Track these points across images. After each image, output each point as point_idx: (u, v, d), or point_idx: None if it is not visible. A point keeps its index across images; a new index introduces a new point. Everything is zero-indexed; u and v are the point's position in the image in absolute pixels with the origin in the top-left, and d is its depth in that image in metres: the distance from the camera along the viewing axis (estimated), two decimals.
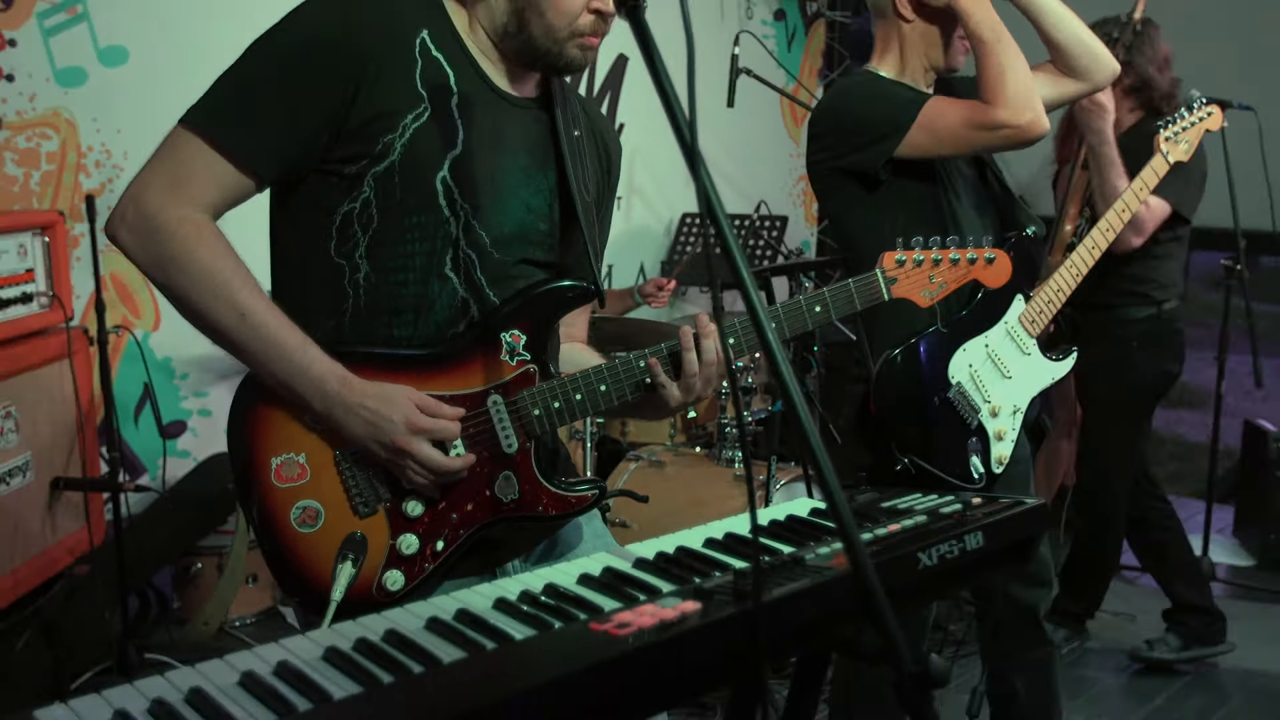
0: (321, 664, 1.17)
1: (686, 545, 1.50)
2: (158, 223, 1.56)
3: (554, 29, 1.65)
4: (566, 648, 1.16)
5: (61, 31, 3.83)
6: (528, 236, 1.75)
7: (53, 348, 3.27)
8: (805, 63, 6.25)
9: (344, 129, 1.59)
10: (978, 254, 1.93)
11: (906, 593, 1.47)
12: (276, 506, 1.63)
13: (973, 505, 1.59)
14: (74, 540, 3.39)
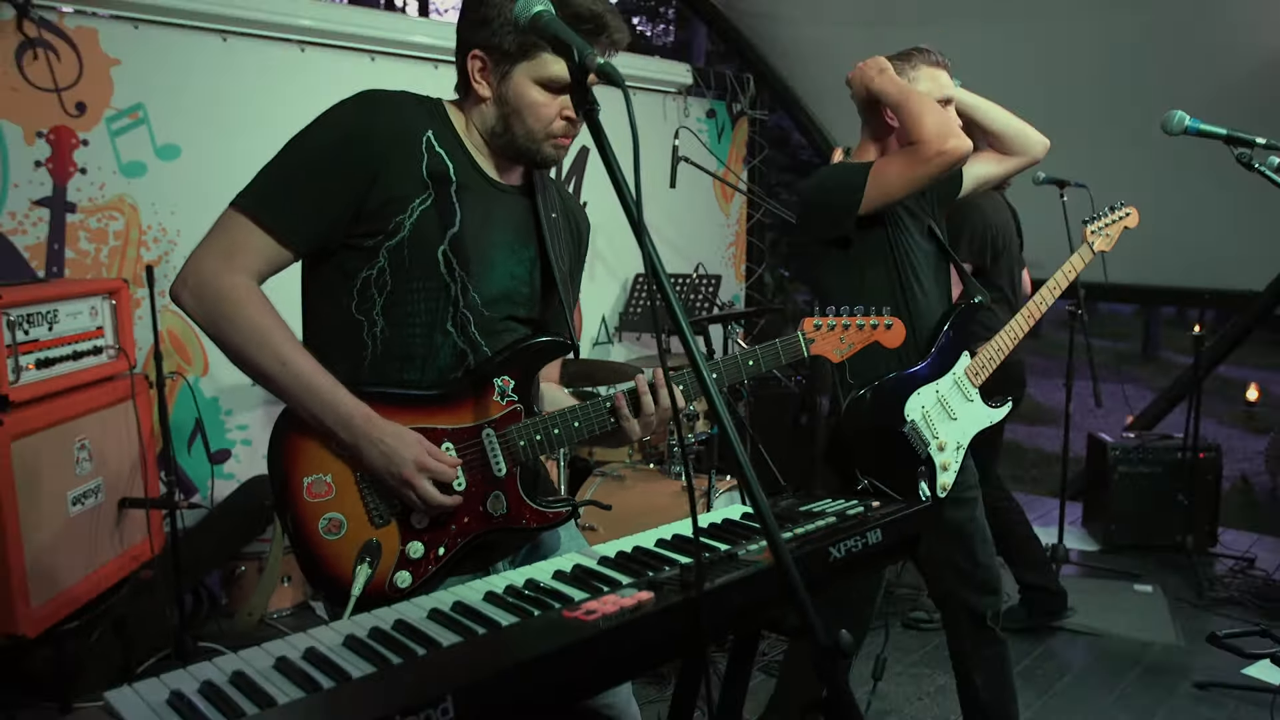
0: (342, 649, 1.16)
1: (641, 545, 1.51)
2: (214, 287, 1.58)
3: (534, 132, 1.68)
4: (544, 631, 1.17)
5: (126, 133, 3.82)
6: (512, 298, 1.76)
7: (119, 391, 3.26)
8: (732, 151, 6.31)
9: (364, 210, 1.61)
10: (879, 321, 1.97)
11: (821, 580, 1.48)
12: (307, 518, 1.63)
13: (873, 508, 1.61)
14: (138, 549, 3.36)
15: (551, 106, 1.67)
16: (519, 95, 1.66)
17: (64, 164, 3.69)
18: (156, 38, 3.87)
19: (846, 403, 2.50)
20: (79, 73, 3.70)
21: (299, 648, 1.16)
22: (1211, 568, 5.00)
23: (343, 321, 1.67)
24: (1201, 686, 3.71)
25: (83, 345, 3.11)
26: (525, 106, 1.66)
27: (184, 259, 1.64)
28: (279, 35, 4.20)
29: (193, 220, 3.91)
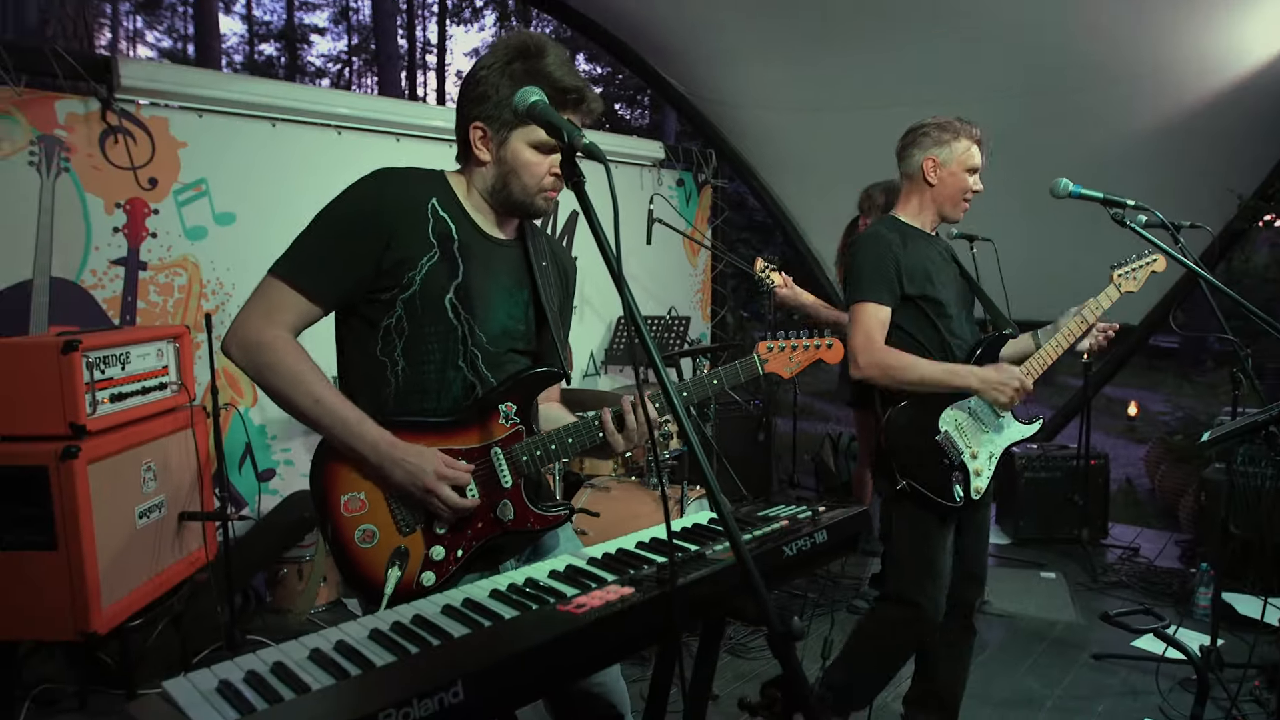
0: (368, 641, 1.14)
1: (624, 547, 1.49)
2: (256, 341, 1.60)
3: (528, 187, 1.70)
4: (541, 623, 1.15)
5: (190, 203, 3.80)
6: (512, 335, 1.76)
7: (181, 420, 3.21)
8: (698, 214, 6.34)
9: (381, 269, 1.62)
10: (821, 342, 1.97)
11: (775, 575, 1.47)
12: (344, 530, 1.63)
13: (819, 512, 1.59)
14: (195, 556, 3.29)
15: (543, 165, 1.68)
16: (515, 156, 1.68)
17: (138, 230, 3.67)
18: (217, 124, 3.86)
19: (888, 414, 2.46)
20: (152, 154, 3.69)
21: (331, 640, 1.14)
22: (1103, 556, 5.01)
23: (370, 363, 1.68)
24: (1098, 658, 3.70)
25: (150, 382, 3.07)
26: (521, 166, 1.68)
27: (238, 308, 1.65)
28: (319, 121, 4.20)
29: (245, 275, 3.89)
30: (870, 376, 2.43)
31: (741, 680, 3.43)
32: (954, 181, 2.52)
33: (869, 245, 2.51)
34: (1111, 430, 9.78)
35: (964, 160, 2.50)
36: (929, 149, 2.52)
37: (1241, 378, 3.59)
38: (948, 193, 2.53)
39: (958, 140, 2.51)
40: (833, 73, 5.15)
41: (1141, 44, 4.32)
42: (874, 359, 2.42)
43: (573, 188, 1.29)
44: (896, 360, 2.42)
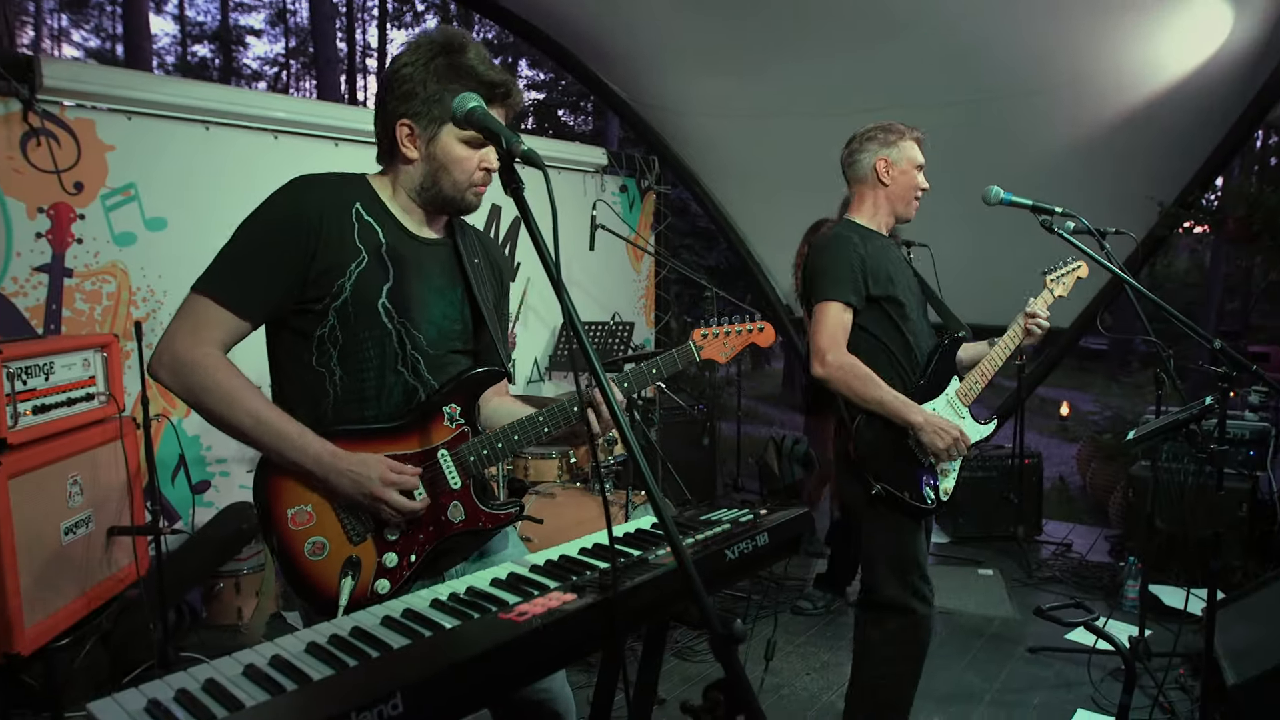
0: (304, 655, 1.11)
1: (566, 553, 1.48)
2: (185, 361, 1.55)
3: (458, 183, 1.68)
4: (482, 632, 1.14)
5: (118, 208, 3.69)
6: (449, 335, 1.74)
7: (109, 432, 3.11)
8: (642, 219, 6.36)
9: (309, 279, 1.59)
10: (754, 326, 2.00)
11: (718, 578, 1.47)
12: (293, 543, 1.59)
13: (760, 515, 1.60)
14: (125, 572, 3.18)
15: (473, 159, 1.67)
16: (445, 153, 1.66)
17: (62, 235, 3.54)
18: (147, 127, 3.75)
19: (857, 422, 2.45)
20: (77, 157, 3.57)
21: (266, 655, 1.11)
22: (1038, 553, 5.14)
23: (306, 374, 1.64)
24: (1033, 651, 3.79)
25: (76, 393, 2.96)
26: (451, 162, 1.66)
27: (170, 316, 1.60)
28: (255, 125, 4.11)
29: (178, 283, 3.78)
30: (831, 378, 2.41)
31: (688, 683, 3.44)
32: (905, 179, 2.55)
33: (833, 246, 2.50)
34: (1044, 430, 10.06)
35: (912, 158, 2.55)
36: (879, 151, 2.55)
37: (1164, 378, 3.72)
38: (901, 191, 2.56)
39: (904, 140, 2.55)
40: (774, 81, 5.21)
41: (1062, 58, 4.47)
42: (841, 361, 2.40)
43: (512, 194, 1.28)
44: (862, 371, 2.41)
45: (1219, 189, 5.59)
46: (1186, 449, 4.33)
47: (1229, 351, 2.34)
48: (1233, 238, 4.75)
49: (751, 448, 6.92)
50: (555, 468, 4.07)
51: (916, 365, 2.54)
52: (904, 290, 2.55)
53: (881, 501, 2.46)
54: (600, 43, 5.72)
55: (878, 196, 2.59)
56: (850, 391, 2.42)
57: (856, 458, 2.47)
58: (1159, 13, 4.16)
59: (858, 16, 4.56)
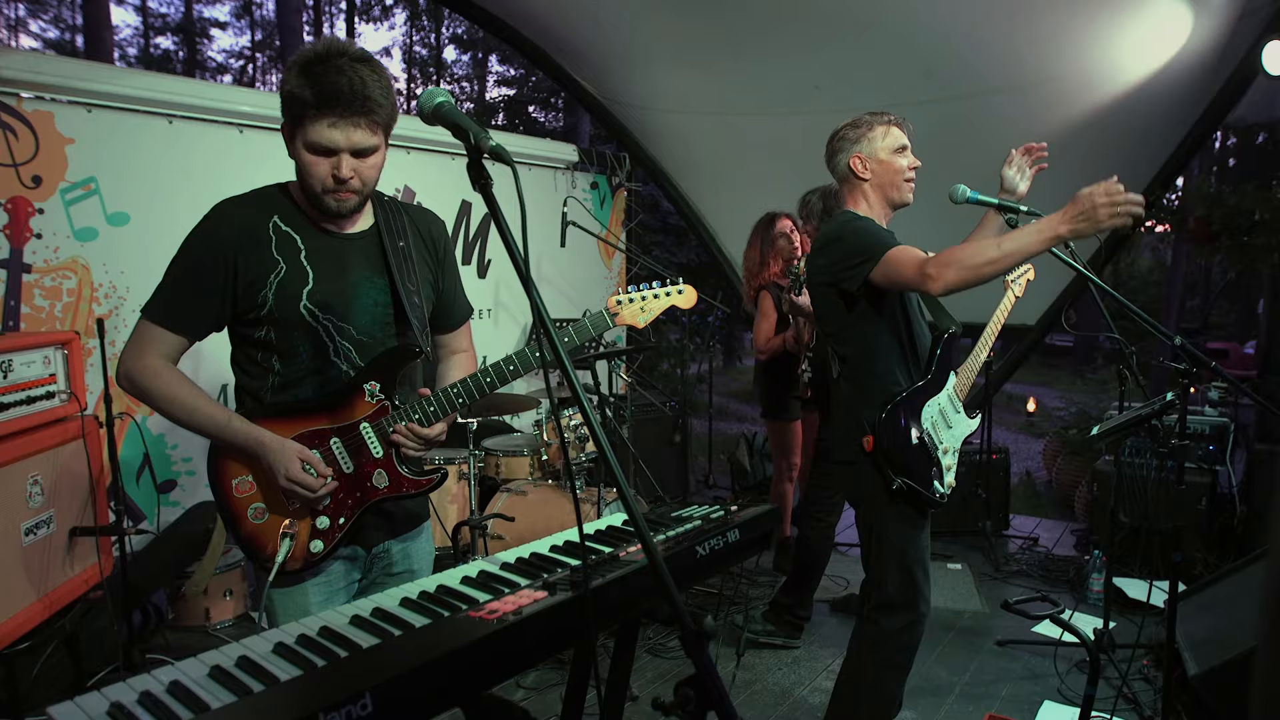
0: (272, 655, 1.10)
1: (537, 551, 1.48)
2: (133, 372, 1.78)
3: (314, 189, 1.74)
4: (453, 630, 1.13)
5: (79, 203, 3.61)
6: (382, 321, 1.86)
7: (70, 431, 3.04)
8: (613, 216, 6.35)
9: (237, 296, 1.75)
10: (672, 289, 2.00)
11: (690, 575, 1.47)
12: (238, 508, 1.79)
13: (731, 512, 1.61)
14: (89, 573, 3.12)
15: (321, 165, 1.70)
16: (299, 159, 1.72)
17: (20, 230, 3.46)
18: (108, 120, 3.68)
19: (881, 416, 2.43)
20: (35, 150, 3.49)
21: (232, 656, 1.09)
22: (1006, 547, 5.21)
23: (253, 368, 1.82)
24: (1001, 644, 3.85)
25: (36, 391, 2.89)
26: (302, 168, 1.72)
27: (133, 313, 1.67)
28: (221, 119, 4.05)
29: (141, 279, 3.72)
30: (958, 278, 2.16)
31: (661, 680, 3.45)
32: (886, 168, 2.52)
33: (852, 222, 2.47)
34: (1012, 426, 10.19)
35: (887, 145, 2.51)
36: (850, 149, 2.55)
37: (1127, 374, 3.79)
38: (886, 180, 2.53)
39: (872, 130, 2.53)
40: (743, 79, 5.23)
41: (1027, 58, 4.53)
42: (946, 259, 2.18)
43: (480, 191, 1.27)
44: (966, 249, 2.19)
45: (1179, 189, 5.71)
46: (1149, 444, 4.41)
47: (1189, 348, 2.39)
48: (1193, 237, 4.85)
49: (724, 445, 6.95)
50: (527, 465, 4.06)
51: (920, 361, 2.54)
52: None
53: (902, 497, 2.45)
54: (571, 39, 5.71)
55: (865, 191, 2.57)
56: (976, 268, 2.15)
57: (876, 452, 2.44)
58: (1121, 16, 4.22)
59: (826, 15, 4.59)
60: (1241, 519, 4.44)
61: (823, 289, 2.54)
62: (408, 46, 23.07)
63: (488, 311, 5.36)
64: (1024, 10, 4.28)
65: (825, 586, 4.39)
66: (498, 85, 22.46)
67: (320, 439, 1.79)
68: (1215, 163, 16.92)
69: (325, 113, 1.63)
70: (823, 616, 4.16)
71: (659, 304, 1.99)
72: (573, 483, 1.31)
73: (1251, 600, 3.05)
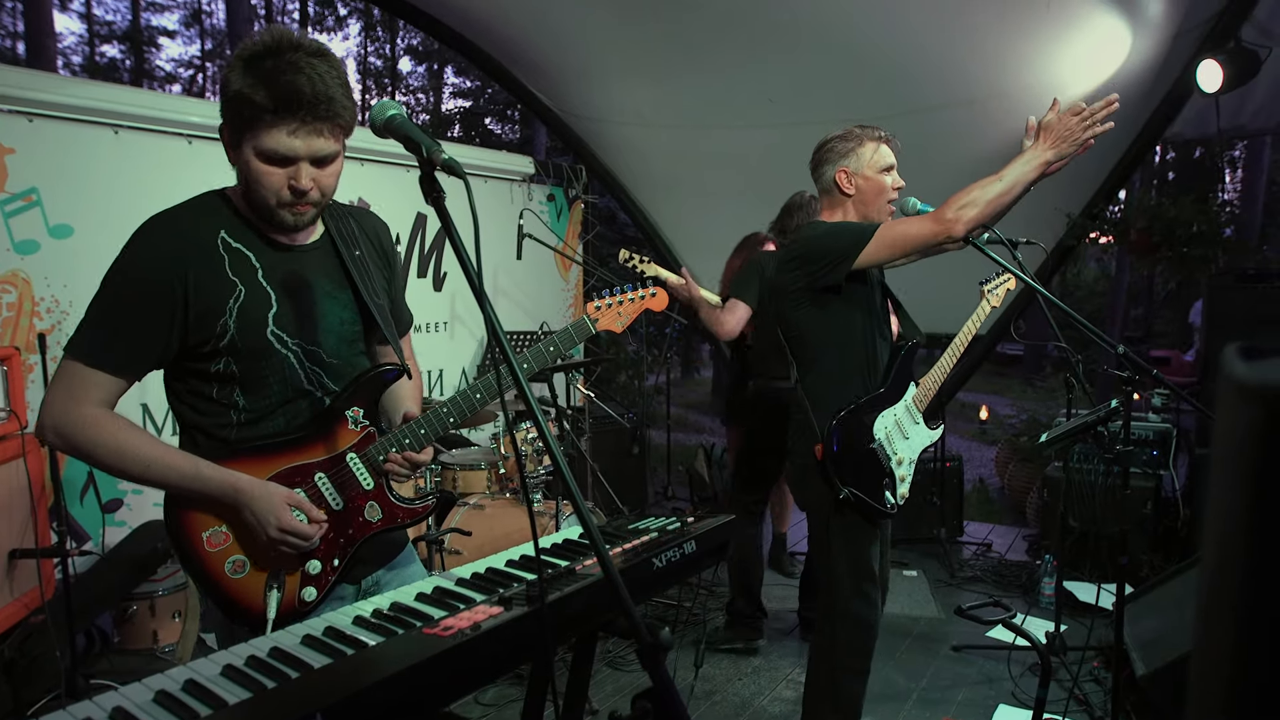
0: (220, 678, 1.07)
1: (493, 566, 1.47)
2: (65, 425, 1.52)
3: (266, 201, 1.55)
4: (407, 648, 1.11)
5: (19, 214, 3.51)
6: (348, 338, 1.70)
7: (10, 450, 2.95)
8: (569, 229, 6.35)
9: (188, 326, 1.54)
10: (645, 293, 1.99)
11: (646, 586, 1.47)
12: (213, 565, 1.56)
13: (688, 523, 1.61)
14: (29, 597, 3.03)
15: (276, 175, 1.52)
16: (247, 167, 1.52)
17: None
18: (50, 130, 3.59)
19: (831, 424, 2.42)
20: None
21: (178, 680, 1.06)
22: (960, 553, 5.29)
23: (208, 406, 1.61)
24: (957, 649, 3.90)
25: None
26: (253, 178, 1.53)
27: (74, 327, 1.54)
28: (168, 130, 3.97)
29: (84, 292, 3.55)
30: (959, 219, 2.23)
31: (621, 693, 3.44)
32: (872, 186, 2.52)
33: (824, 225, 2.49)
34: (965, 434, 10.36)
35: (875, 163, 2.51)
36: (837, 162, 2.53)
37: (1074, 382, 3.88)
38: (869, 198, 2.53)
39: (862, 146, 2.51)
40: (698, 92, 5.27)
41: (973, 75, 4.63)
42: (963, 199, 2.25)
43: (432, 204, 1.26)
44: (976, 189, 2.25)
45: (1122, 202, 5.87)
46: (1095, 450, 4.51)
47: (1132, 357, 2.45)
48: (1135, 248, 4.98)
49: (682, 456, 6.96)
50: (484, 479, 4.03)
51: (877, 370, 2.56)
52: (874, 293, 2.56)
53: (849, 507, 2.45)
54: (527, 52, 5.71)
55: (846, 207, 2.56)
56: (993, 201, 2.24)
57: (825, 460, 2.45)
58: (1063, 33, 4.34)
59: (778, 31, 4.65)
60: (1185, 522, 4.56)
61: (794, 295, 2.53)
62: (362, 57, 22.88)
63: (444, 324, 5.32)
64: (968, 27, 4.38)
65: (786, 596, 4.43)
66: (454, 97, 22.37)
67: (303, 475, 1.61)
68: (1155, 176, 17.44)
69: (284, 118, 1.45)
70: (783, 627, 4.18)
71: (634, 307, 1.97)
72: (528, 497, 1.30)
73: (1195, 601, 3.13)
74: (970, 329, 2.84)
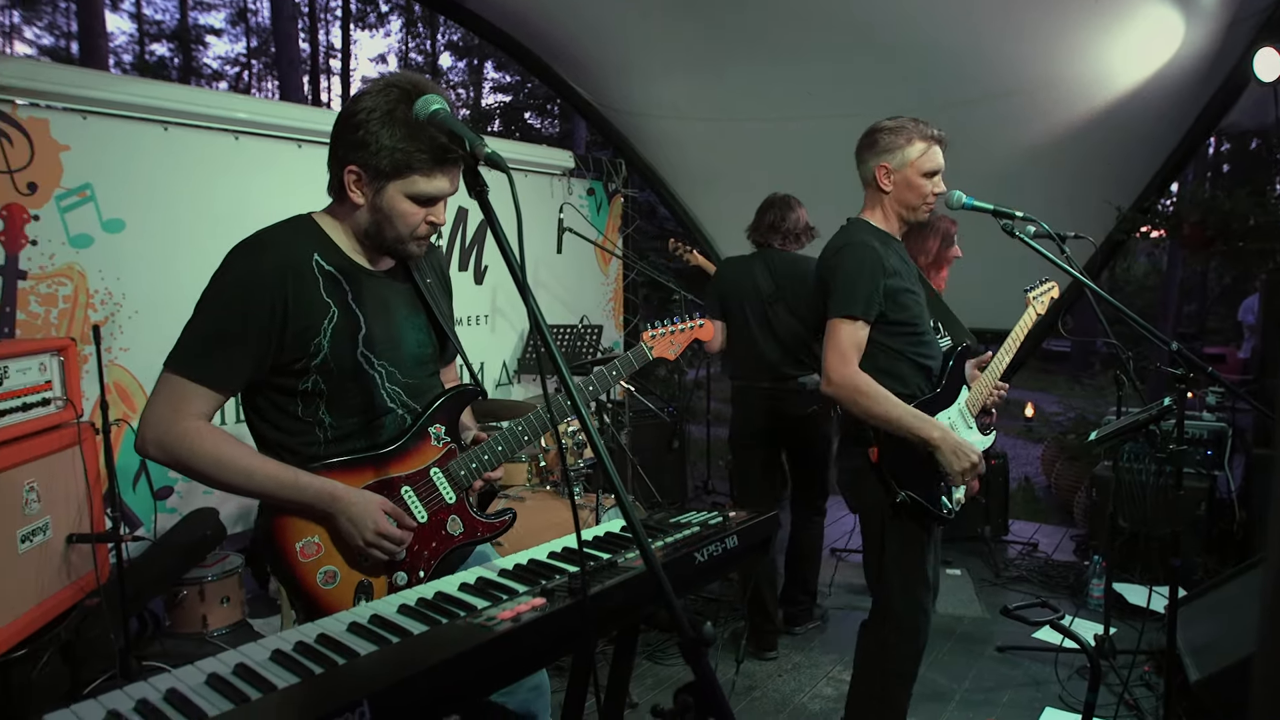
0: (269, 662, 1.10)
1: (536, 557, 1.48)
2: (168, 439, 1.58)
3: (402, 235, 1.67)
4: (451, 637, 1.13)
5: (74, 209, 3.60)
6: (422, 359, 1.79)
7: (66, 438, 3.04)
8: (609, 222, 6.36)
9: (283, 344, 1.60)
10: (694, 324, 2.17)
11: (688, 581, 1.48)
12: (306, 575, 1.64)
13: (729, 518, 1.61)
14: (85, 580, 3.12)
15: (418, 215, 1.66)
16: (391, 206, 1.64)
17: (16, 236, 3.46)
18: (103, 127, 3.68)
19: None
20: (30, 157, 3.48)
21: (229, 663, 1.09)
22: (1005, 552, 5.21)
23: (292, 424, 1.68)
24: (1002, 650, 3.85)
25: (32, 398, 2.90)
26: (396, 215, 1.64)
27: (129, 320, 1.60)
28: (216, 125, 4.05)
29: (136, 284, 3.70)
30: (839, 397, 2.35)
31: (661, 687, 3.45)
32: (910, 187, 2.43)
33: (852, 254, 2.39)
34: (1010, 431, 10.19)
35: (919, 164, 2.41)
36: (880, 155, 2.44)
37: (1124, 380, 3.79)
38: (905, 200, 2.45)
39: (911, 145, 2.41)
40: (738, 85, 5.24)
41: (1021, 65, 4.54)
42: (847, 379, 2.32)
43: (476, 198, 1.28)
44: (869, 388, 2.32)
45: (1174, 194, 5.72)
46: (1147, 449, 4.41)
47: (1186, 354, 2.39)
48: (1188, 243, 4.86)
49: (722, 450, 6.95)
50: (524, 471, 4.06)
51: (931, 373, 2.51)
52: (919, 298, 2.49)
53: (905, 510, 2.40)
54: (566, 47, 5.72)
55: (884, 203, 2.48)
56: (861, 410, 2.34)
57: (880, 463, 2.40)
58: (1113, 22, 4.24)
59: (822, 22, 4.60)
60: (1241, 524, 4.45)
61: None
62: (403, 53, 23.12)
63: (485, 318, 5.36)
64: (1018, 17, 4.30)
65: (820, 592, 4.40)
66: (494, 92, 22.51)
67: (390, 489, 1.69)
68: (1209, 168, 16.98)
69: (441, 168, 1.60)
70: (831, 624, 4.16)
71: (685, 336, 2.14)
72: (571, 489, 1.31)
73: (1251, 605, 3.05)
74: (1017, 337, 2.76)
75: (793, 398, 3.81)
